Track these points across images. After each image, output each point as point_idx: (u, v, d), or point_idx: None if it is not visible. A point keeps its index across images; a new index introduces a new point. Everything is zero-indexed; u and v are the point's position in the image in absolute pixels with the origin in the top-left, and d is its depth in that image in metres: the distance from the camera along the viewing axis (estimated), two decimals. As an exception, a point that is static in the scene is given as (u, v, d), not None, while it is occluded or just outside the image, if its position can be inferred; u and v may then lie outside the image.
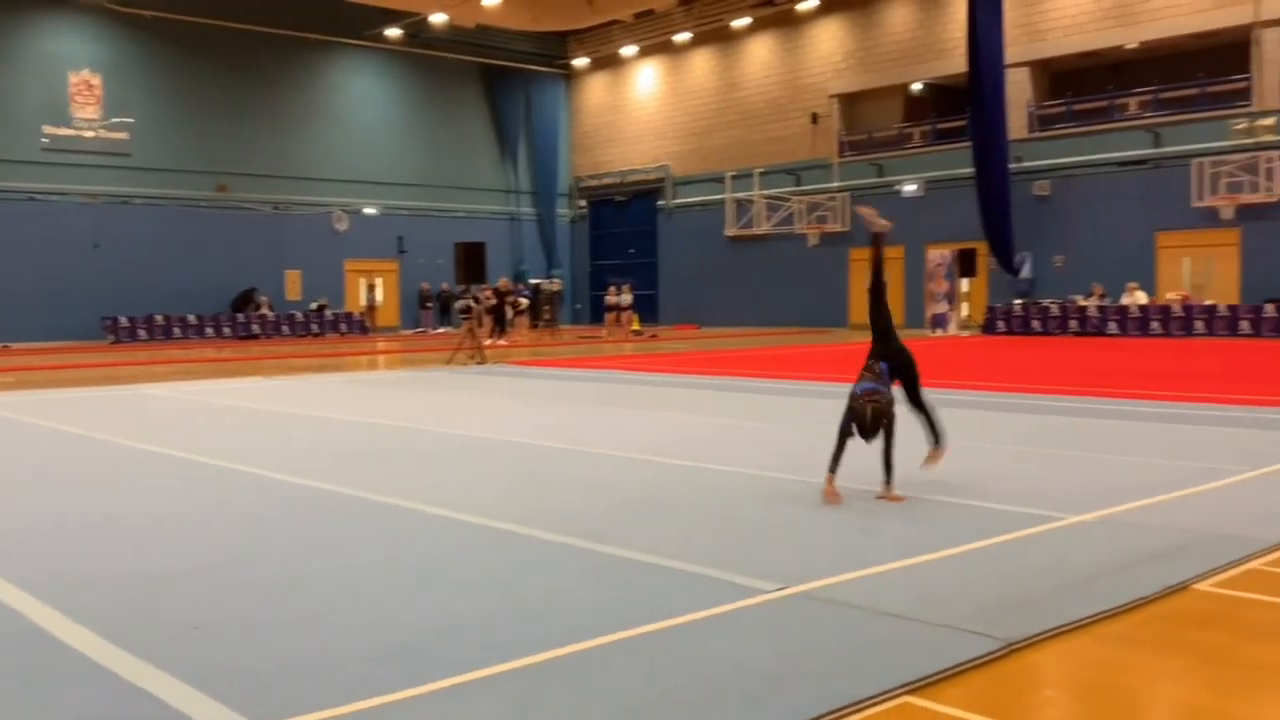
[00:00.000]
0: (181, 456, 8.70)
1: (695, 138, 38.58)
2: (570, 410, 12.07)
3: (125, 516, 6.38)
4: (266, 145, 34.75)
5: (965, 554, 5.13)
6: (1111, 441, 8.87)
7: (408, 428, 10.49)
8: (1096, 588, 4.55)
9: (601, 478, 7.53)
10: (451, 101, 39.19)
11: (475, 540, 5.62)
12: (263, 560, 5.27)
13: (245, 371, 18.89)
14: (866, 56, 33.76)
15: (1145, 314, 26.27)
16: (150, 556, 5.36)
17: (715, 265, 37.82)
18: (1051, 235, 29.73)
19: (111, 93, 31.98)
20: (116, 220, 31.91)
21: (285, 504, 6.71)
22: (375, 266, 37.53)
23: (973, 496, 6.53)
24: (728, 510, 6.29)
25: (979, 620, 4.09)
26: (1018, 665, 3.72)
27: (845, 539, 5.50)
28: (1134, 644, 3.95)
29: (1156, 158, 27.97)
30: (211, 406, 12.91)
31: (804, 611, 4.26)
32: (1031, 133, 30.23)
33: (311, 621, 4.21)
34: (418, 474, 7.80)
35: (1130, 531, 5.58)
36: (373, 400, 13.66)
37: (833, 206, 34.34)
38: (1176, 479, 7.03)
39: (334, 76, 36.43)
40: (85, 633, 4.09)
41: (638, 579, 4.78)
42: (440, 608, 4.37)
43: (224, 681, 3.55)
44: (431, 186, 38.44)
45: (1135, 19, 28.24)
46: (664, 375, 16.81)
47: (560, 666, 3.65)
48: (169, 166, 32.93)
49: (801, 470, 7.55)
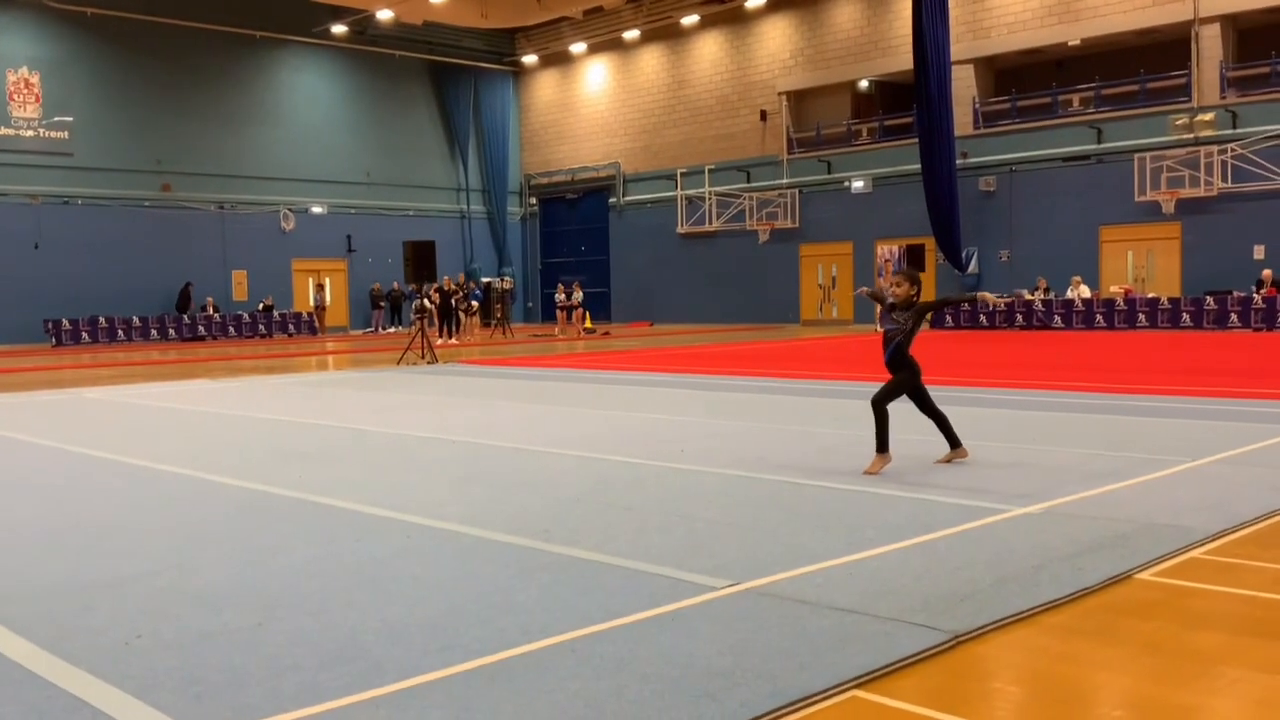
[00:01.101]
0: (123, 461, 8.55)
1: (645, 135, 38.59)
2: (520, 409, 12.02)
3: (65, 523, 6.26)
4: (211, 144, 34.25)
5: (911, 547, 5.17)
6: (1054, 433, 8.99)
7: (355, 429, 10.39)
8: (1041, 579, 4.60)
9: (550, 476, 7.50)
10: (400, 99, 38.87)
11: (422, 541, 5.57)
12: (205, 566, 5.18)
13: (190, 374, 18.62)
14: (814, 54, 33.96)
15: (1089, 307, 26.67)
16: (90, 563, 5.26)
17: (667, 262, 37.88)
18: (997, 230, 30.11)
19: (51, 91, 31.36)
20: (57, 221, 31.30)
21: (228, 508, 6.62)
22: (323, 266, 37.15)
23: (918, 489, 6.58)
24: (677, 508, 6.29)
25: (926, 613, 4.12)
26: (965, 657, 3.76)
27: (794, 535, 5.52)
28: (1078, 634, 3.99)
29: (1099, 153, 28.41)
30: (155, 410, 12.70)
31: (753, 608, 4.27)
32: (977, 129, 30.59)
33: (255, 627, 4.15)
34: (364, 475, 7.72)
35: (1073, 522, 5.65)
36: (320, 402, 13.52)
37: (782, 203, 34.52)
38: (1119, 469, 7.14)
39: (280, 74, 35.99)
40: (22, 643, 4.00)
41: (587, 578, 4.77)
42: (386, 611, 4.33)
43: (166, 690, 3.49)
44: (380, 185, 38.12)
45: (1077, 16, 28.66)
46: (615, 373, 16.79)
47: (509, 668, 3.63)
48: (111, 166, 32.36)
49: (751, 467, 7.57)
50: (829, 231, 33.69)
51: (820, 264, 34.32)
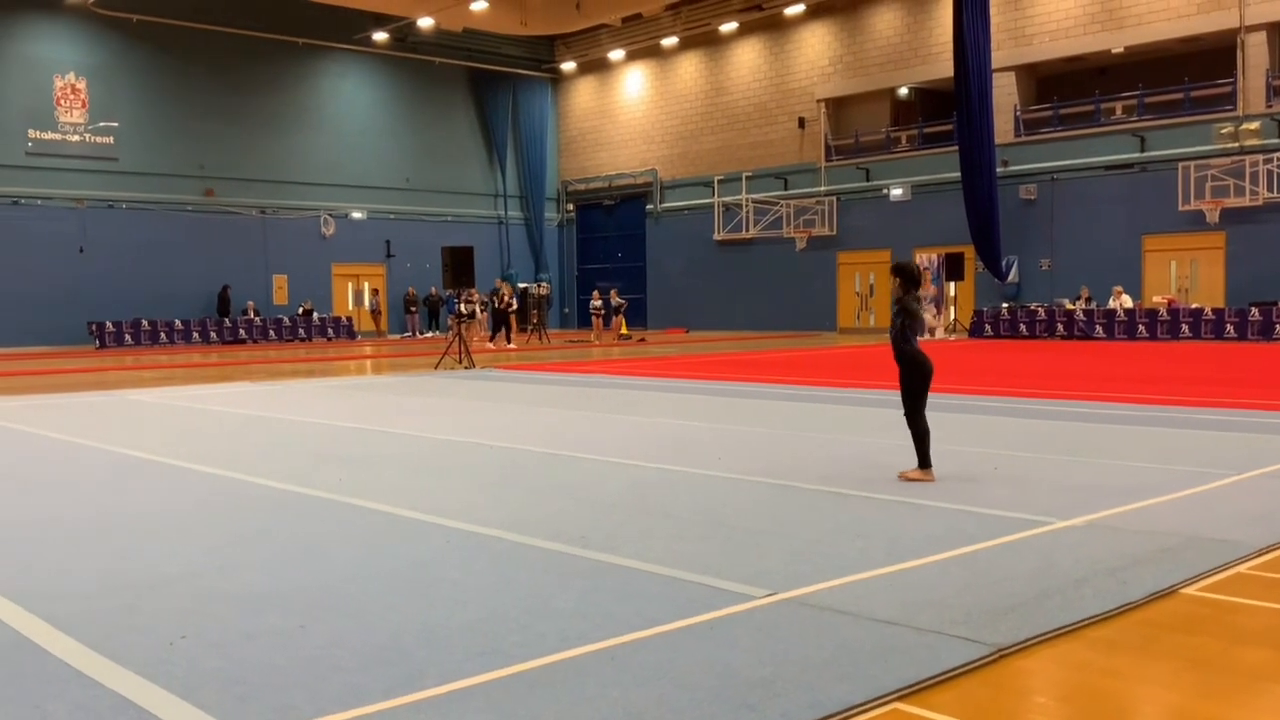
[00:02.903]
0: (167, 462, 8.66)
1: (683, 142, 38.59)
2: (557, 414, 12.05)
3: (111, 523, 6.34)
4: (253, 149, 34.62)
5: (953, 559, 5.13)
6: (1098, 445, 8.89)
7: (393, 433, 10.46)
8: (1084, 592, 4.55)
9: (587, 482, 7.51)
10: (439, 105, 39.12)
11: (461, 545, 5.60)
12: (248, 567, 5.23)
13: (232, 376, 18.81)
14: (854, 61, 33.83)
15: (1131, 317, 26.36)
16: (136, 563, 5.33)
17: (703, 269, 37.84)
18: (1038, 239, 29.84)
19: (97, 97, 31.83)
20: (102, 225, 31.75)
21: (269, 510, 6.68)
22: (363, 271, 37.44)
23: (960, 501, 6.52)
24: (715, 515, 6.27)
25: (967, 625, 4.09)
26: (1007, 670, 3.72)
27: (833, 545, 5.49)
28: (1122, 649, 3.95)
29: (1142, 161, 28.09)
30: (196, 411, 12.84)
31: (792, 618, 4.25)
32: (1018, 136, 30.34)
33: (297, 629, 4.18)
34: (402, 479, 7.77)
35: (1117, 536, 5.59)
36: (359, 405, 13.61)
37: (820, 210, 34.40)
38: (1163, 483, 7.05)
39: (321, 80, 36.33)
40: (69, 641, 4.06)
41: (625, 584, 4.77)
42: (426, 614, 4.35)
43: (210, 690, 3.52)
44: (419, 190, 38.36)
45: (1121, 24, 28.37)
46: (652, 380, 16.79)
47: (549, 674, 3.64)
48: (155, 171, 32.78)
49: (789, 475, 7.55)
50: (867, 239, 33.54)
51: (858, 272, 34.17)
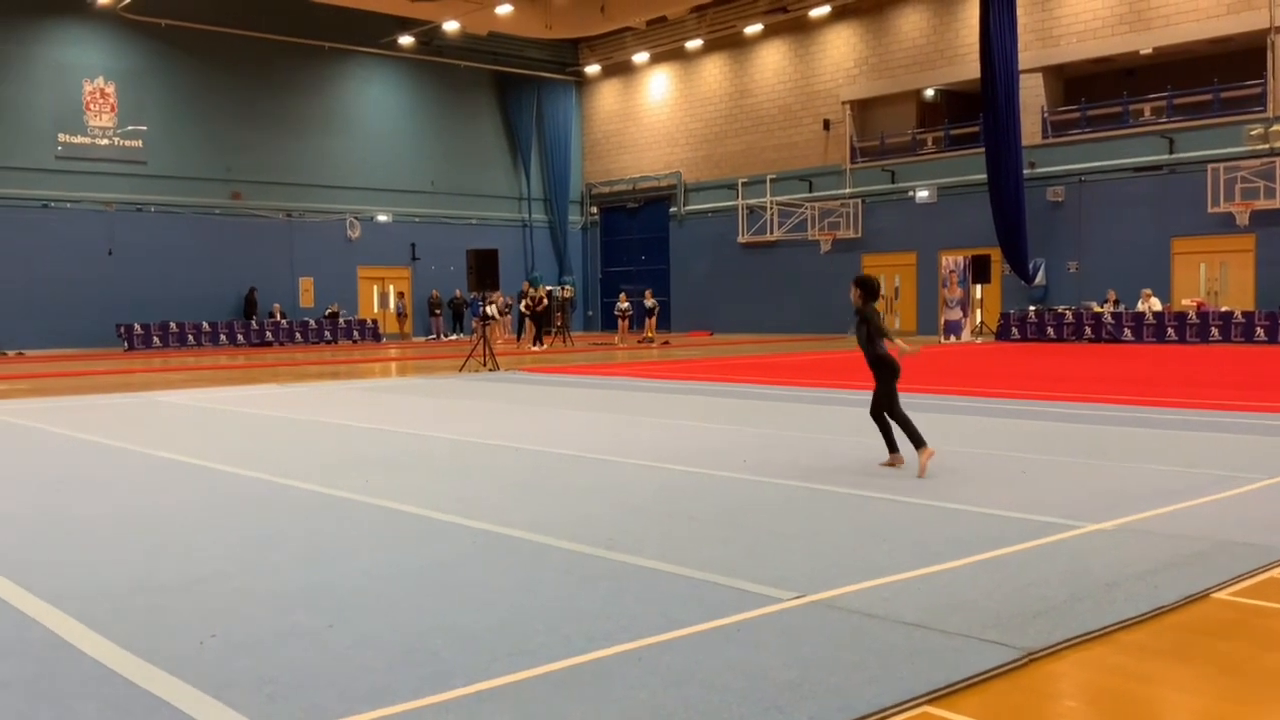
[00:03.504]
0: (195, 463, 8.72)
1: (707, 144, 38.58)
2: (581, 417, 12.06)
3: (140, 524, 6.40)
4: (280, 153, 34.87)
5: (981, 562, 5.10)
6: (1127, 449, 8.82)
7: (419, 434, 10.50)
8: (1115, 596, 4.52)
9: (612, 484, 7.51)
10: (464, 108, 39.27)
11: (487, 547, 5.61)
12: (276, 567, 5.26)
13: (258, 378, 18.93)
14: (879, 63, 33.73)
15: (1160, 320, 26.15)
16: (165, 564, 5.37)
17: (727, 272, 37.81)
18: (1066, 241, 29.65)
19: (126, 101, 32.13)
20: (130, 228, 32.05)
21: (296, 511, 6.72)
22: (388, 274, 37.62)
23: (988, 504, 6.49)
24: (740, 518, 6.26)
25: (997, 629, 4.06)
26: (1037, 675, 3.69)
27: (860, 547, 5.47)
28: (1153, 653, 3.91)
29: (1171, 163, 27.88)
30: (224, 413, 12.93)
31: (820, 620, 4.23)
32: (1045, 138, 30.17)
33: (326, 629, 4.21)
34: (429, 481, 7.79)
35: (1148, 539, 5.54)
36: (385, 407, 13.68)
37: (845, 213, 34.30)
38: (1193, 486, 6.99)
39: (347, 84, 36.54)
40: (101, 641, 4.09)
41: (651, 587, 4.76)
42: (453, 615, 4.36)
43: (240, 690, 3.54)
44: (444, 194, 38.53)
45: (1149, 24, 28.16)
46: (676, 382, 16.79)
47: (576, 675, 3.64)
48: (183, 174, 33.06)
49: (814, 478, 7.52)
50: (892, 242, 33.43)
51: (883, 274, 33.96)
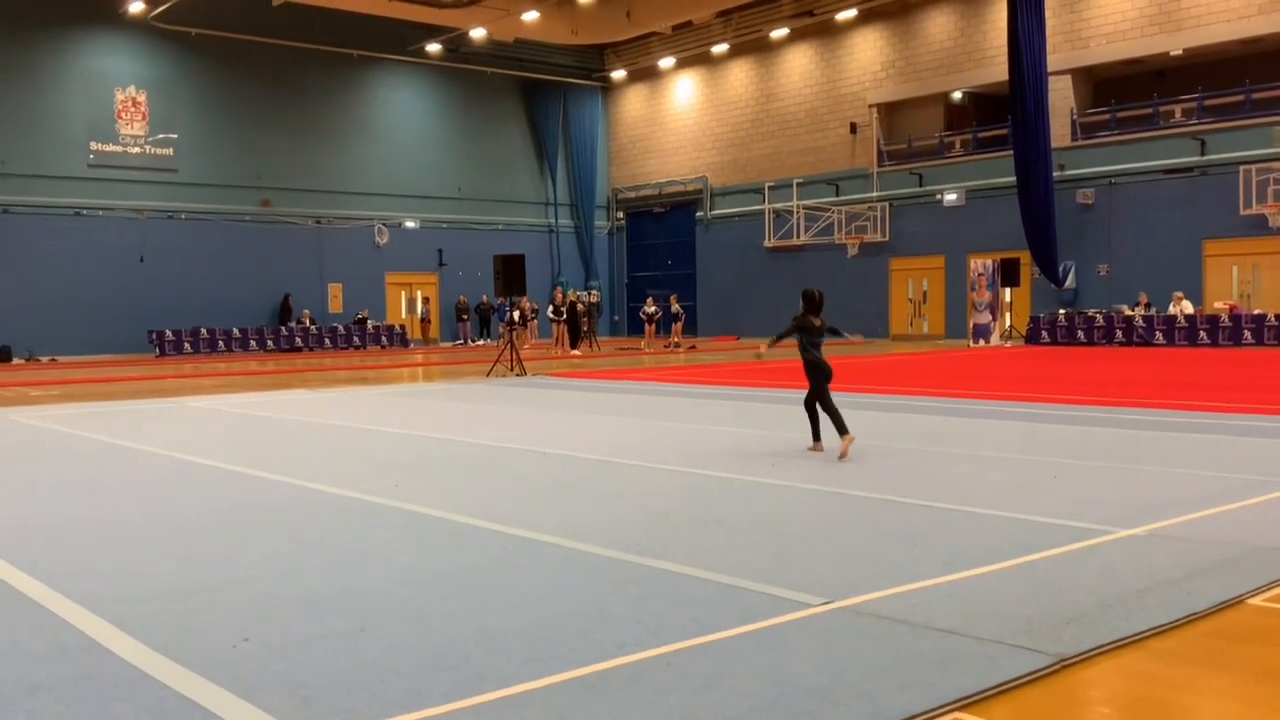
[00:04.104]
0: (226, 468, 8.79)
1: (733, 149, 38.55)
2: (608, 421, 12.07)
3: (173, 528, 6.46)
4: (309, 160, 35.12)
5: (1013, 568, 5.07)
6: (1159, 453, 8.75)
7: (447, 439, 10.54)
8: (1147, 602, 4.48)
9: (640, 489, 7.52)
10: (490, 115, 39.43)
11: (516, 552, 5.63)
12: (307, 571, 5.30)
13: (288, 384, 19.07)
14: (906, 66, 33.61)
15: (1192, 323, 25.90)
16: (196, 567, 5.42)
17: (754, 276, 37.74)
18: (1096, 244, 29.43)
19: (157, 109, 32.45)
20: (161, 235, 32.36)
21: (327, 515, 6.76)
22: (415, 279, 37.80)
23: (1018, 509, 6.45)
24: (768, 522, 6.26)
25: (1029, 635, 4.04)
26: (1069, 681, 3.67)
27: (889, 552, 5.45)
28: (1187, 660, 3.88)
29: (1202, 165, 27.61)
30: (255, 418, 13.03)
31: (850, 626, 4.22)
32: (1075, 140, 29.96)
33: (357, 633, 4.23)
34: (458, 485, 7.83)
35: (1180, 545, 5.49)
36: (413, 412, 13.74)
37: (872, 216, 34.18)
38: (1226, 491, 6.92)
39: (375, 91, 36.76)
40: (135, 644, 4.14)
41: (680, 591, 4.77)
42: (484, 619, 4.38)
43: (273, 693, 3.58)
44: (471, 199, 38.69)
45: (1179, 26, 27.92)
46: (702, 387, 16.77)
47: (606, 680, 3.65)
48: (213, 182, 33.36)
49: (842, 483, 7.51)
50: (920, 245, 33.28)
51: (910, 278, 33.90)
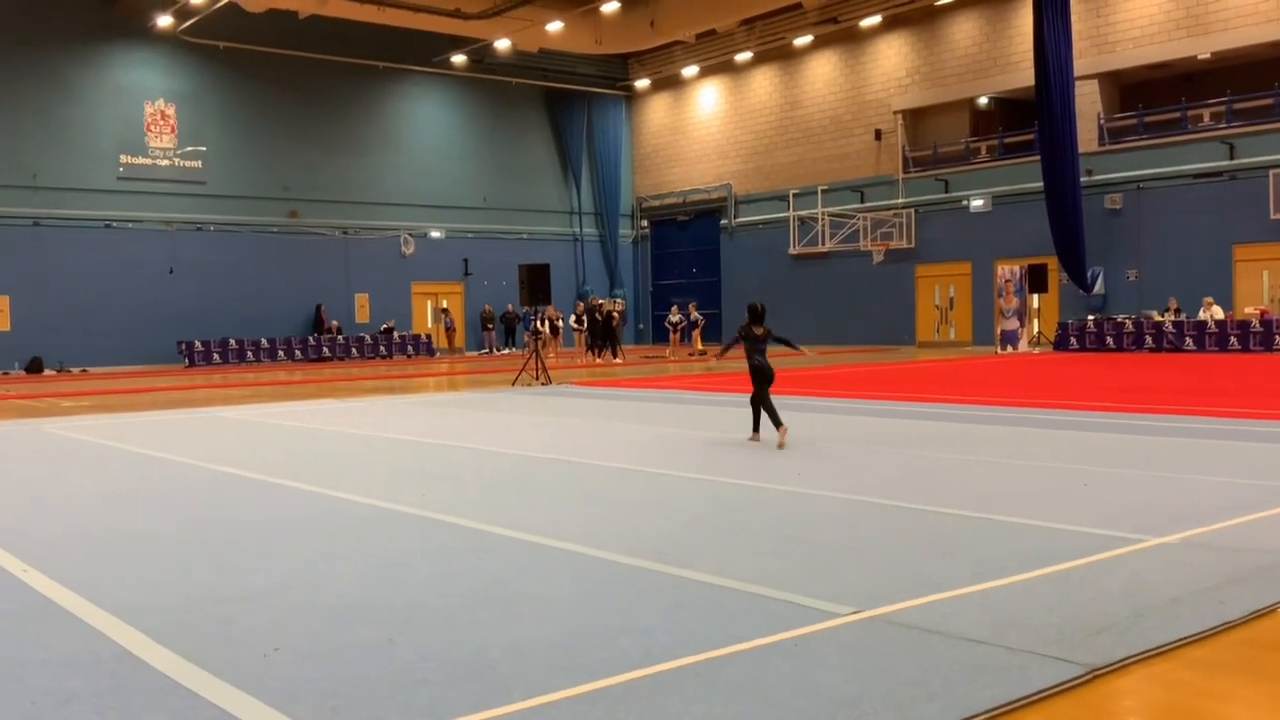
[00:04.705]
0: (255, 478, 8.85)
1: (757, 156, 38.52)
2: (634, 430, 12.07)
3: (203, 538, 6.50)
4: (336, 171, 35.37)
5: (1043, 577, 5.03)
6: (1190, 461, 8.67)
7: (474, 448, 10.57)
8: (1180, 611, 4.44)
9: (665, 497, 7.51)
10: (515, 125, 39.59)
11: (543, 560, 5.64)
12: (336, 580, 5.33)
13: (316, 394, 19.18)
14: (931, 72, 33.50)
15: (1223, 329, 25.65)
16: (227, 577, 5.45)
17: (779, 284, 37.67)
18: (1125, 249, 29.20)
19: (185, 122, 32.78)
20: (191, 246, 32.66)
21: (355, 524, 6.79)
22: (441, 289, 37.96)
23: (1048, 518, 6.40)
24: (794, 531, 6.23)
25: (1059, 645, 4.01)
26: (1101, 691, 3.64)
27: (917, 561, 5.42)
28: (1221, 669, 3.84)
29: (1232, 169, 27.37)
30: (283, 428, 13.12)
31: (878, 636, 4.20)
32: (1102, 145, 29.76)
33: (387, 642, 4.25)
34: (484, 494, 7.85)
35: (1213, 553, 5.44)
36: (440, 421, 13.80)
37: (898, 223, 34.07)
38: (1259, 499, 6.85)
39: (400, 102, 36.99)
40: (166, 653, 4.17)
41: (707, 601, 4.76)
42: (511, 629, 4.39)
43: (304, 702, 3.59)
44: (496, 209, 38.83)
45: (1207, 29, 27.71)
46: (728, 395, 16.74)
47: (634, 690, 3.64)
48: (241, 193, 33.64)
49: (869, 491, 7.47)
50: (946, 251, 33.13)
51: (937, 285, 33.75)
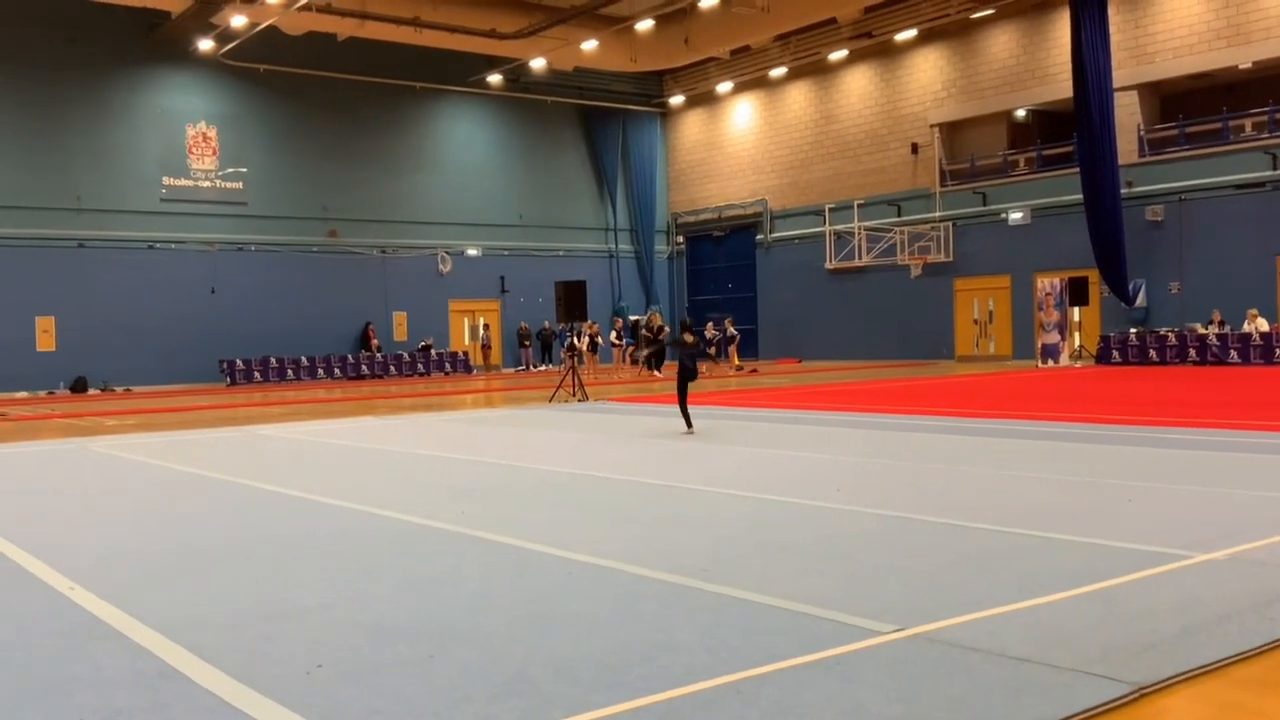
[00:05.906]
0: (296, 495, 8.92)
1: (793, 171, 38.48)
2: (671, 446, 12.06)
3: (245, 555, 6.56)
4: (374, 191, 35.71)
5: (1088, 594, 4.97)
6: (1236, 475, 8.53)
7: (512, 465, 10.60)
8: (1229, 629, 4.37)
9: (705, 514, 7.49)
10: (550, 143, 39.81)
11: (582, 577, 5.64)
12: (377, 598, 5.35)
13: (356, 411, 19.32)
14: (968, 84, 33.35)
15: (1268, 341, 25.27)
16: (269, 594, 5.50)
17: (815, 298, 37.57)
18: (1167, 261, 28.86)
19: (227, 144, 33.23)
20: (232, 267, 33.07)
21: (395, 541, 6.83)
22: (478, 306, 38.17)
23: (1093, 534, 6.32)
24: (835, 548, 6.19)
25: (1106, 663, 3.96)
26: (1148, 710, 3.59)
27: (960, 579, 5.37)
28: (1270, 687, 3.78)
29: (1275, 180, 26.99)
30: (324, 446, 13.22)
31: (923, 654, 4.17)
32: (1142, 156, 29.46)
33: (427, 659, 4.26)
34: (524, 511, 7.86)
35: (1263, 570, 5.35)
36: (478, 438, 13.85)
37: (935, 236, 33.88)
38: (1311, 514, 6.73)
39: (437, 122, 37.31)
40: (212, 670, 4.21)
41: (748, 618, 4.74)
42: (552, 646, 4.39)
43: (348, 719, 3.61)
44: (532, 226, 39.04)
45: (1248, 39, 27.40)
46: (765, 410, 16.70)
47: (676, 707, 3.63)
48: (282, 214, 34.04)
49: (909, 507, 7.42)
50: (985, 264, 32.90)
51: (975, 298, 33.51)
